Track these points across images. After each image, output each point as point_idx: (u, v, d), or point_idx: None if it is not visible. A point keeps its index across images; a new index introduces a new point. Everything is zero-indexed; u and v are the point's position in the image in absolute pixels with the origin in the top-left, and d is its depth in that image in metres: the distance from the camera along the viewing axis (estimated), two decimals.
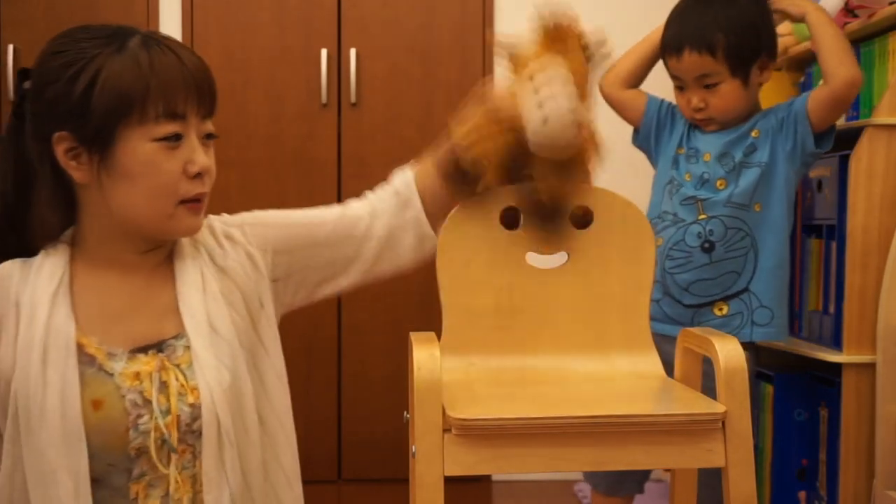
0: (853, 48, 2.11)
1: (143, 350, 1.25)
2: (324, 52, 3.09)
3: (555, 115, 1.17)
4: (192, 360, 1.24)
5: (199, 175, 1.25)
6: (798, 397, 2.14)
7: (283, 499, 1.31)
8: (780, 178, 1.90)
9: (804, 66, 2.45)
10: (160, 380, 1.22)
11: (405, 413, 1.17)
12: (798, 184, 1.97)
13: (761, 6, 1.93)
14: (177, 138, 1.23)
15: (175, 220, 1.26)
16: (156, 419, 1.21)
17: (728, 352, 1.12)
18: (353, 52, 3.10)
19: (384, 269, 1.41)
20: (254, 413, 1.27)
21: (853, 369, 1.95)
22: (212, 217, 1.37)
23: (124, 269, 1.28)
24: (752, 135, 1.92)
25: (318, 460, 3.01)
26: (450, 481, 1.05)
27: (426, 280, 1.43)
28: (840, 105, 1.87)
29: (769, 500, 2.17)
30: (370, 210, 1.40)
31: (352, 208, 1.41)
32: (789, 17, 1.96)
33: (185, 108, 1.23)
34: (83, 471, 1.18)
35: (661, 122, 2.03)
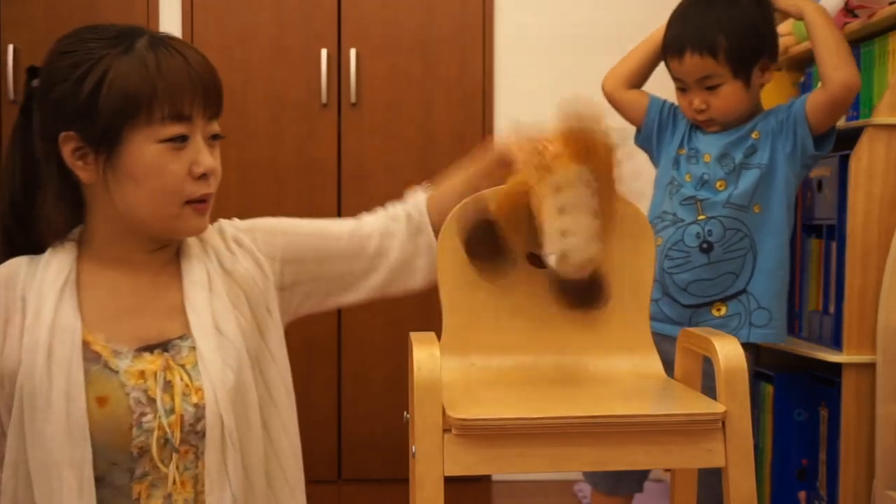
0: (853, 48, 2.11)
1: (149, 349, 1.25)
2: (324, 52, 3.09)
3: (575, 253, 1.18)
4: (196, 361, 1.24)
5: (204, 176, 1.25)
6: (798, 397, 2.14)
7: None
8: (779, 179, 1.90)
9: (804, 66, 2.45)
10: (165, 379, 1.23)
11: (405, 413, 1.17)
12: (798, 186, 1.97)
13: (762, 7, 1.93)
14: (182, 139, 1.23)
15: (180, 220, 1.26)
16: (159, 418, 1.21)
17: (728, 352, 1.12)
18: (353, 52, 3.10)
19: (395, 290, 1.43)
20: (258, 417, 1.27)
21: (853, 369, 1.95)
22: (223, 221, 1.38)
23: (131, 268, 1.29)
24: (753, 136, 1.92)
25: (318, 460, 3.01)
26: (450, 481, 1.05)
27: None
28: (837, 108, 1.87)
29: (769, 500, 2.17)
30: (382, 229, 1.40)
31: (365, 224, 1.41)
32: (789, 14, 1.96)
33: (192, 109, 1.23)
34: (87, 467, 1.18)
35: (663, 123, 2.03)
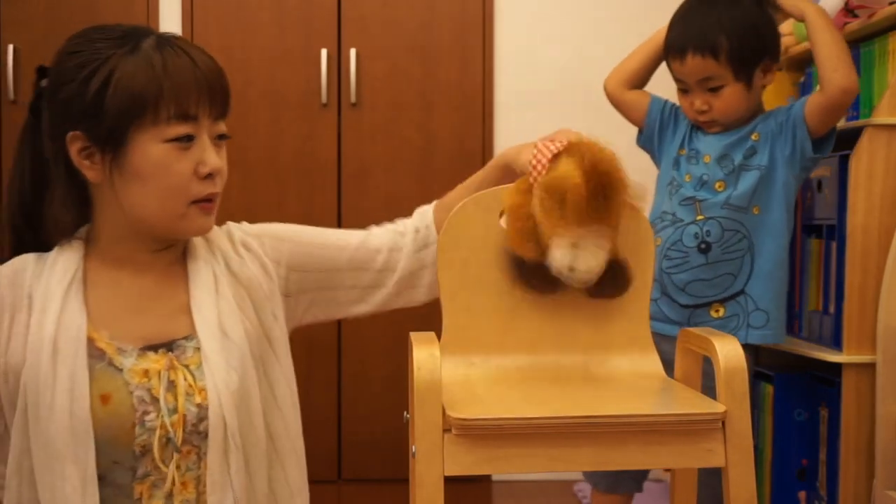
0: (853, 48, 2.11)
1: (154, 348, 1.25)
2: (324, 52, 3.09)
3: (583, 269, 1.23)
4: (201, 362, 1.24)
5: (210, 176, 1.26)
6: (798, 397, 2.14)
7: None
8: (778, 181, 1.90)
9: (804, 66, 2.45)
10: (168, 378, 1.23)
11: (405, 413, 1.17)
12: (799, 188, 1.97)
13: (764, 8, 1.93)
14: (188, 139, 1.24)
15: (186, 220, 1.26)
16: (162, 417, 1.21)
17: (728, 352, 1.12)
18: (353, 52, 3.10)
19: (399, 304, 1.43)
20: (261, 420, 1.27)
21: (853, 369, 1.95)
22: (231, 224, 1.38)
23: (137, 267, 1.29)
24: (753, 138, 1.92)
25: (318, 460, 3.00)
26: (450, 481, 1.05)
27: None
28: (835, 111, 1.87)
29: (769, 500, 2.17)
30: (391, 244, 1.41)
31: (373, 238, 1.42)
32: (790, 16, 1.96)
33: (198, 109, 1.24)
34: (90, 464, 1.18)
35: (664, 123, 2.03)
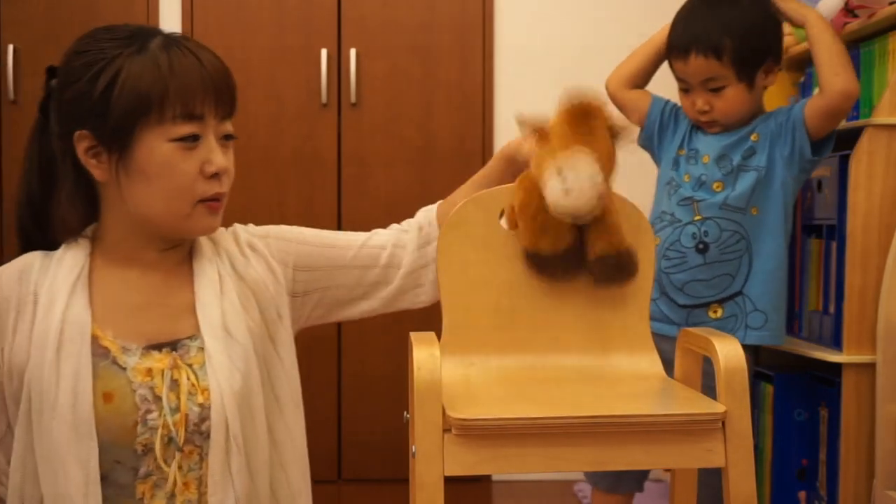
0: (853, 48, 2.11)
1: (157, 347, 1.25)
2: (324, 52, 3.09)
3: (576, 187, 1.21)
4: (204, 361, 1.24)
5: (216, 175, 1.26)
6: (798, 397, 2.14)
7: None
8: (777, 182, 1.90)
9: (804, 66, 2.45)
10: (171, 378, 1.23)
11: (405, 413, 1.17)
12: (798, 189, 1.97)
13: (768, 10, 1.93)
14: (194, 139, 1.24)
15: (192, 219, 1.27)
16: (164, 416, 1.22)
17: (728, 352, 1.12)
18: (353, 52, 3.10)
19: (403, 303, 1.43)
20: (264, 421, 1.27)
21: (853, 369, 1.95)
22: (238, 226, 1.39)
23: (143, 267, 1.30)
24: (752, 138, 1.92)
25: (318, 460, 2.99)
26: (450, 481, 1.05)
27: None
28: (835, 115, 1.86)
29: (769, 500, 2.17)
30: (395, 241, 1.41)
31: (377, 237, 1.42)
32: (791, 21, 1.96)
33: (203, 109, 1.24)
34: (93, 462, 1.19)
35: (665, 123, 2.03)
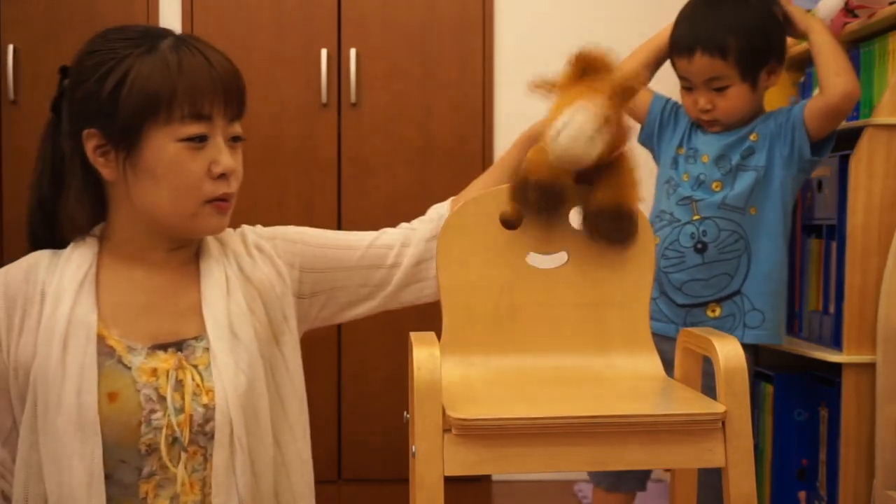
0: (853, 48, 2.11)
1: (163, 347, 1.26)
2: (324, 52, 3.09)
3: (568, 129, 1.21)
4: (209, 362, 1.25)
5: (223, 176, 1.26)
6: (798, 397, 2.14)
7: None
8: (776, 182, 1.90)
9: (804, 66, 2.44)
10: (176, 378, 1.23)
11: (405, 413, 1.17)
12: (797, 189, 1.97)
13: (773, 11, 1.92)
14: (201, 139, 1.24)
15: (199, 219, 1.27)
16: (168, 416, 1.22)
17: (728, 352, 1.12)
18: (353, 52, 3.10)
19: (408, 297, 1.42)
20: (268, 423, 1.28)
21: (853, 369, 1.95)
22: (246, 227, 1.39)
23: (150, 266, 1.30)
24: (751, 138, 1.92)
25: (318, 460, 2.99)
26: (450, 481, 1.05)
27: None
28: (835, 116, 1.87)
29: (769, 500, 2.17)
30: (402, 240, 1.41)
31: (385, 235, 1.42)
32: (793, 29, 1.94)
33: (212, 109, 1.24)
34: (97, 461, 1.19)
35: (665, 122, 2.03)
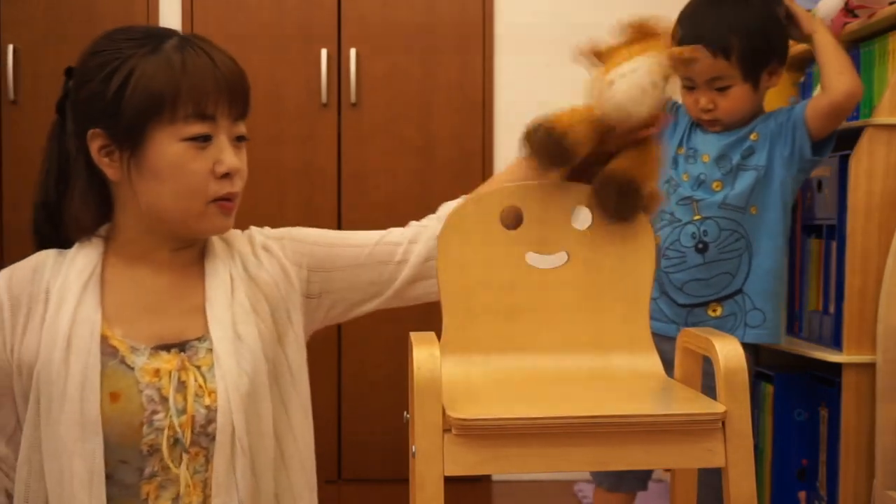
0: (853, 48, 2.11)
1: (166, 348, 1.26)
2: (324, 52, 3.09)
3: (635, 75, 1.21)
4: (213, 363, 1.24)
5: (227, 175, 1.26)
6: (798, 397, 2.14)
7: None
8: (776, 182, 1.90)
9: (804, 66, 2.45)
10: (179, 379, 1.23)
11: (405, 413, 1.17)
12: (797, 189, 1.97)
13: (774, 12, 1.92)
14: (205, 139, 1.24)
15: (204, 219, 1.27)
16: (170, 417, 1.22)
17: (728, 352, 1.12)
18: (353, 52, 3.10)
19: (417, 293, 1.41)
20: (270, 425, 1.27)
21: (853, 369, 1.95)
22: (253, 229, 1.39)
23: (155, 266, 1.30)
24: (751, 138, 1.92)
25: (319, 460, 3.00)
26: (450, 481, 1.05)
27: None
28: (838, 115, 1.87)
29: (769, 500, 2.17)
30: (411, 236, 1.41)
31: (393, 233, 1.42)
32: (797, 31, 1.94)
33: (216, 109, 1.24)
34: (98, 460, 1.19)
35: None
